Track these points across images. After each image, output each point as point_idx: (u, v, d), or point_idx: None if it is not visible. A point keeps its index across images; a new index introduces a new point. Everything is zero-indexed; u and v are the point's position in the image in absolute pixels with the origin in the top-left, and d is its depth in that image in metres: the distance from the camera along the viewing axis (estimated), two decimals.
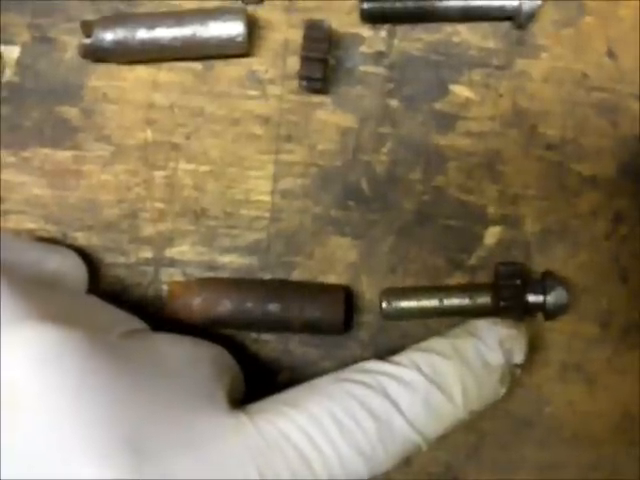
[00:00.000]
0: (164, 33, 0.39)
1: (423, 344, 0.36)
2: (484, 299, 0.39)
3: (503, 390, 0.36)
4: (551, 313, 0.39)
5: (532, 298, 0.39)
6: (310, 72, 0.39)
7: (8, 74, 0.41)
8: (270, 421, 0.31)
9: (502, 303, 0.39)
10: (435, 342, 0.36)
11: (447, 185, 0.41)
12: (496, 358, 0.35)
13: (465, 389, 0.34)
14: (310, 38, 0.38)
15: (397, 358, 0.35)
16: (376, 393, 0.33)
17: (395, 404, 0.33)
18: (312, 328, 0.39)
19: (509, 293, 0.39)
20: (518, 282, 0.39)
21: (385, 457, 0.32)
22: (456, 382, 0.34)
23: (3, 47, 0.41)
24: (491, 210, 0.41)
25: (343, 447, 0.31)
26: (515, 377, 0.37)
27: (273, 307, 0.38)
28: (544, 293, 0.39)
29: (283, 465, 0.30)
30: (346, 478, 0.31)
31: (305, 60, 0.38)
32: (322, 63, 0.38)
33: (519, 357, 0.36)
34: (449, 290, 0.40)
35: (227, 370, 0.35)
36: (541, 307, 0.39)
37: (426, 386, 0.33)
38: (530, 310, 0.39)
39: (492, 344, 0.35)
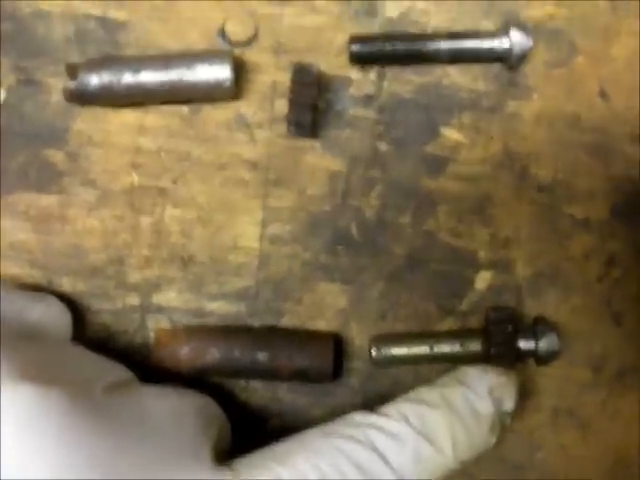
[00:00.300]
0: (150, 77, 0.39)
1: (412, 394, 0.35)
2: (475, 345, 0.39)
3: (494, 439, 0.35)
4: (543, 359, 0.39)
5: (523, 344, 0.38)
6: (298, 117, 0.38)
7: None
8: (255, 477, 0.31)
9: (493, 349, 0.38)
10: (424, 392, 0.35)
11: (437, 229, 0.40)
12: (486, 407, 0.35)
13: (455, 439, 0.34)
14: (298, 83, 0.38)
15: (385, 409, 0.35)
16: (364, 447, 0.32)
17: (383, 457, 0.32)
18: (301, 377, 0.38)
19: (500, 339, 0.38)
20: (509, 328, 0.38)
21: None
22: (445, 433, 0.33)
23: None
24: (482, 254, 0.40)
25: None
26: (505, 425, 0.36)
27: (261, 356, 0.38)
28: (536, 339, 0.38)
29: None
30: None
31: (293, 105, 0.38)
32: (311, 108, 0.38)
33: (509, 405, 0.36)
34: (439, 336, 0.39)
35: (213, 422, 0.35)
36: (533, 353, 0.39)
37: (415, 438, 0.33)
38: (522, 356, 0.39)
39: (482, 392, 0.35)
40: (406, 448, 0.33)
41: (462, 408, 0.34)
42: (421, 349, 0.39)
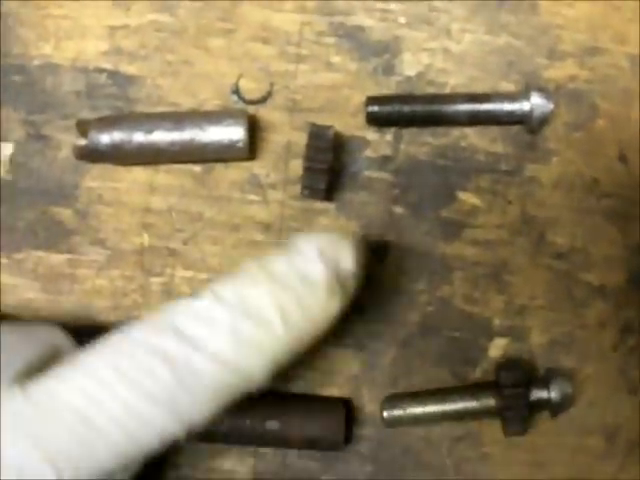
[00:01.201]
0: (162, 137, 0.38)
1: (231, 273, 0.31)
2: (488, 400, 0.38)
3: (336, 302, 0.31)
4: (557, 406, 0.38)
5: (536, 394, 0.38)
6: (313, 183, 0.37)
7: (1, 172, 0.40)
8: (43, 386, 0.29)
9: (506, 402, 0.38)
10: (244, 267, 0.31)
11: (452, 296, 0.39)
12: (317, 270, 0.30)
13: (283, 310, 0.30)
14: (314, 147, 0.37)
15: (200, 293, 0.31)
16: (169, 337, 0.29)
17: (194, 344, 0.29)
18: (311, 445, 0.38)
19: (513, 391, 0.38)
20: (522, 379, 0.38)
21: (194, 401, 0.29)
22: (269, 306, 0.30)
23: None
24: (497, 322, 0.40)
25: (130, 398, 0.28)
26: (350, 287, 0.32)
27: (272, 424, 0.37)
28: (548, 386, 0.38)
29: (61, 430, 0.28)
30: (148, 431, 0.29)
31: (308, 170, 0.37)
32: (326, 173, 0.37)
33: (347, 264, 0.32)
34: (451, 392, 0.39)
35: (36, 346, 0.32)
36: (547, 402, 0.38)
37: (232, 317, 0.29)
38: (535, 407, 0.38)
39: (310, 255, 0.31)
40: (221, 329, 0.29)
41: (288, 276, 0.30)
42: (433, 407, 0.38)
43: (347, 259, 0.32)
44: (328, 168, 0.37)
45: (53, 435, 0.28)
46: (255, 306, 0.30)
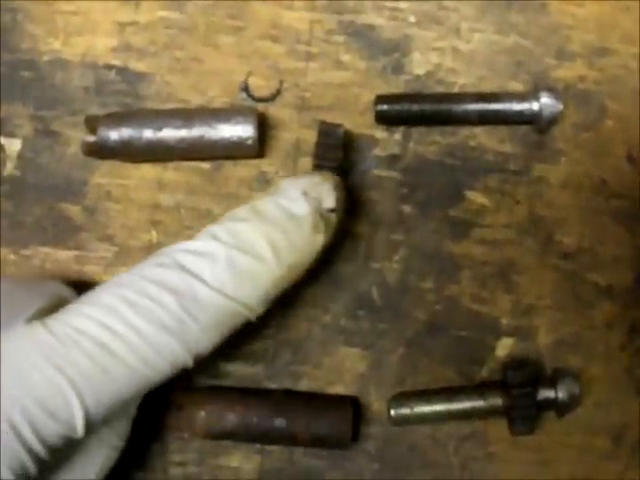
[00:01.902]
0: (171, 134, 0.38)
1: (223, 216, 0.34)
2: (495, 400, 0.38)
3: (320, 237, 0.34)
4: (564, 405, 0.38)
5: (543, 393, 0.38)
6: None
7: (9, 168, 0.40)
8: (61, 320, 0.31)
9: (513, 401, 0.38)
10: (234, 210, 0.34)
11: (460, 295, 0.39)
12: (301, 208, 0.33)
13: (274, 245, 0.32)
14: (323, 145, 0.37)
15: (196, 236, 0.33)
16: (172, 270, 0.32)
17: (195, 275, 0.31)
18: (318, 443, 0.38)
19: (520, 391, 0.38)
20: (529, 379, 0.38)
21: (200, 329, 0.31)
22: (261, 241, 0.32)
23: (4, 139, 0.40)
24: (504, 321, 0.40)
25: (142, 326, 0.30)
26: (332, 223, 0.35)
27: (279, 422, 0.37)
28: (555, 386, 0.38)
29: (81, 357, 0.30)
30: (161, 357, 0.31)
31: (317, 168, 0.37)
32: (335, 172, 0.37)
33: (329, 202, 0.34)
34: (458, 392, 0.39)
35: (44, 296, 0.33)
36: (554, 402, 0.38)
37: (227, 252, 0.32)
38: (543, 407, 0.38)
39: (294, 195, 0.34)
40: (219, 263, 0.32)
41: (275, 215, 0.33)
42: (440, 406, 0.38)
43: (329, 198, 0.35)
44: (337, 166, 0.37)
45: (75, 362, 0.30)
46: (248, 242, 0.32)
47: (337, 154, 0.37)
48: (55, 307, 0.32)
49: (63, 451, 0.31)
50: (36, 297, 0.33)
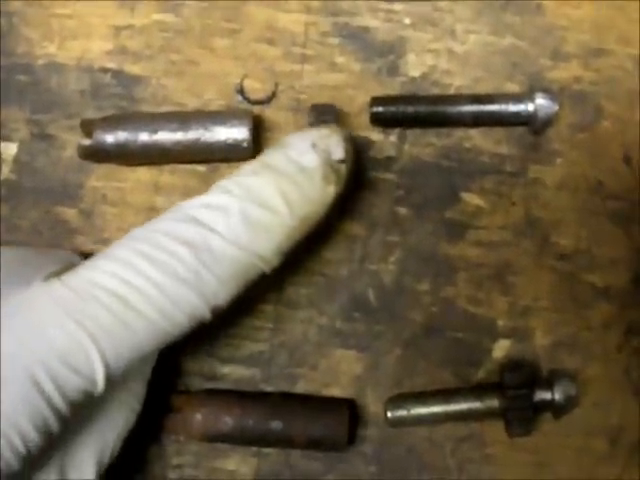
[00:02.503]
0: (167, 137, 0.38)
1: (233, 173, 0.34)
2: (492, 401, 0.38)
3: (331, 188, 0.34)
4: (561, 407, 0.38)
5: (540, 395, 0.38)
6: None
7: (5, 171, 0.40)
8: (78, 275, 0.31)
9: (510, 403, 0.38)
10: (244, 165, 0.34)
11: (456, 296, 0.39)
12: (311, 160, 0.33)
13: (286, 197, 0.32)
14: (319, 123, 0.37)
15: (208, 190, 0.34)
16: (187, 223, 0.32)
17: (209, 227, 0.31)
18: (315, 446, 0.38)
19: (516, 392, 0.38)
20: (525, 381, 0.38)
21: (217, 281, 0.31)
22: (274, 193, 0.32)
23: (1, 143, 0.40)
24: (500, 323, 0.39)
25: (159, 278, 0.30)
26: (343, 174, 0.35)
27: (276, 425, 0.37)
28: (551, 387, 0.38)
29: (101, 310, 0.30)
30: (179, 309, 0.31)
31: None
32: None
33: (338, 153, 0.34)
34: (455, 393, 0.39)
35: (58, 261, 0.34)
36: (550, 403, 0.38)
37: (240, 205, 0.32)
38: (539, 408, 0.38)
39: (303, 148, 0.34)
40: (233, 215, 0.32)
41: (286, 167, 0.33)
42: (437, 407, 0.38)
43: (338, 150, 0.35)
44: None
45: (94, 316, 0.30)
46: (260, 194, 0.32)
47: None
48: (68, 270, 0.33)
49: (83, 408, 0.31)
50: (50, 261, 0.33)
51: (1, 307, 0.30)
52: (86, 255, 0.35)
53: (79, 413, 0.31)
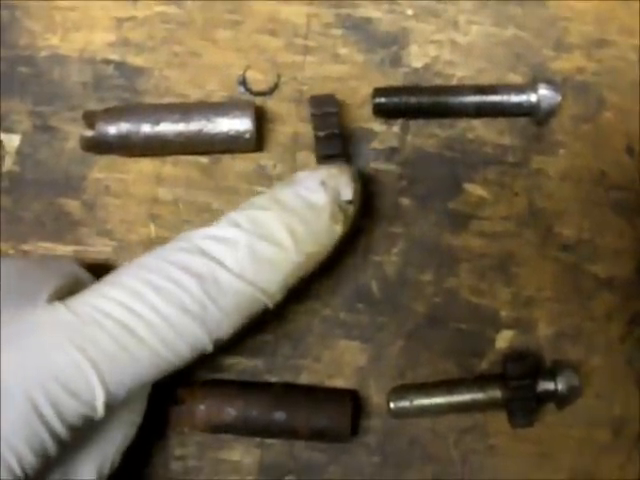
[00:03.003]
0: (169, 128, 0.38)
1: (242, 205, 0.34)
2: (494, 392, 0.38)
3: (338, 227, 0.34)
4: (564, 398, 0.38)
5: (543, 385, 0.38)
6: (328, 150, 0.37)
7: (8, 163, 0.40)
8: (83, 301, 0.31)
9: (513, 393, 0.38)
10: (254, 200, 0.34)
11: (459, 287, 0.39)
12: (320, 198, 0.34)
13: (293, 234, 0.33)
14: (319, 115, 0.37)
15: (216, 222, 0.34)
16: (195, 255, 0.32)
17: (217, 261, 0.32)
18: (318, 437, 0.38)
19: (519, 383, 0.38)
20: (528, 372, 0.38)
21: (221, 314, 0.31)
22: (281, 229, 0.33)
23: (3, 135, 0.40)
24: (503, 313, 0.40)
25: (165, 308, 0.31)
26: (350, 214, 0.35)
27: (279, 415, 0.37)
28: (554, 378, 0.38)
29: (104, 337, 0.30)
30: (182, 340, 0.31)
31: (320, 140, 0.37)
32: (339, 137, 0.37)
33: (347, 193, 0.35)
34: (458, 384, 0.39)
35: (60, 275, 0.34)
36: (553, 394, 0.38)
37: (248, 239, 0.32)
38: (542, 399, 0.38)
39: (313, 186, 0.34)
40: (240, 250, 0.32)
41: (295, 204, 0.34)
42: (440, 398, 0.38)
43: (347, 190, 0.35)
44: (340, 132, 0.37)
45: (97, 342, 0.30)
46: (269, 230, 0.33)
47: (334, 119, 0.37)
48: (71, 286, 0.33)
49: (82, 431, 0.31)
50: (52, 276, 0.33)
51: (4, 328, 0.30)
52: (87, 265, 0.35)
53: (79, 435, 0.31)
